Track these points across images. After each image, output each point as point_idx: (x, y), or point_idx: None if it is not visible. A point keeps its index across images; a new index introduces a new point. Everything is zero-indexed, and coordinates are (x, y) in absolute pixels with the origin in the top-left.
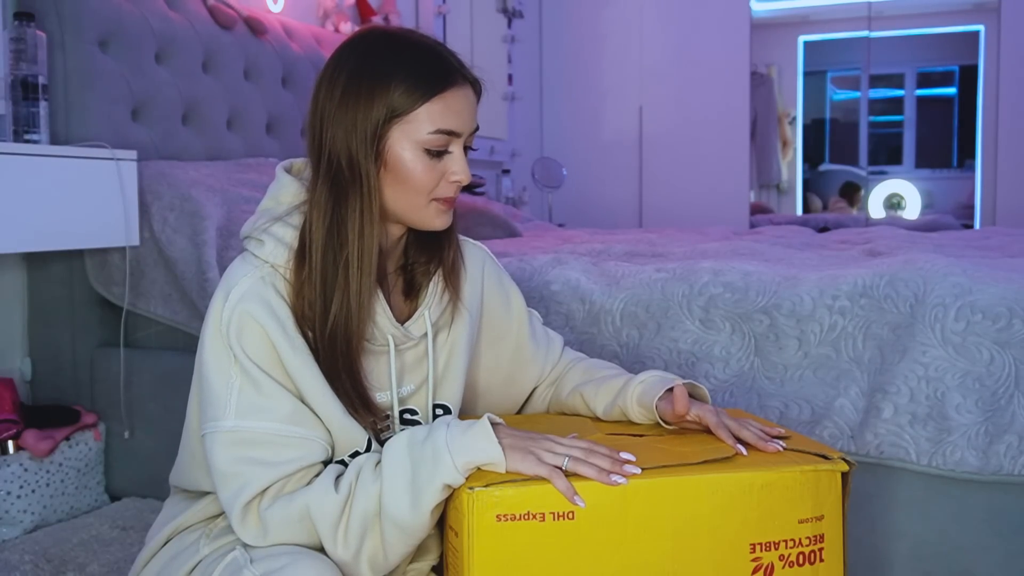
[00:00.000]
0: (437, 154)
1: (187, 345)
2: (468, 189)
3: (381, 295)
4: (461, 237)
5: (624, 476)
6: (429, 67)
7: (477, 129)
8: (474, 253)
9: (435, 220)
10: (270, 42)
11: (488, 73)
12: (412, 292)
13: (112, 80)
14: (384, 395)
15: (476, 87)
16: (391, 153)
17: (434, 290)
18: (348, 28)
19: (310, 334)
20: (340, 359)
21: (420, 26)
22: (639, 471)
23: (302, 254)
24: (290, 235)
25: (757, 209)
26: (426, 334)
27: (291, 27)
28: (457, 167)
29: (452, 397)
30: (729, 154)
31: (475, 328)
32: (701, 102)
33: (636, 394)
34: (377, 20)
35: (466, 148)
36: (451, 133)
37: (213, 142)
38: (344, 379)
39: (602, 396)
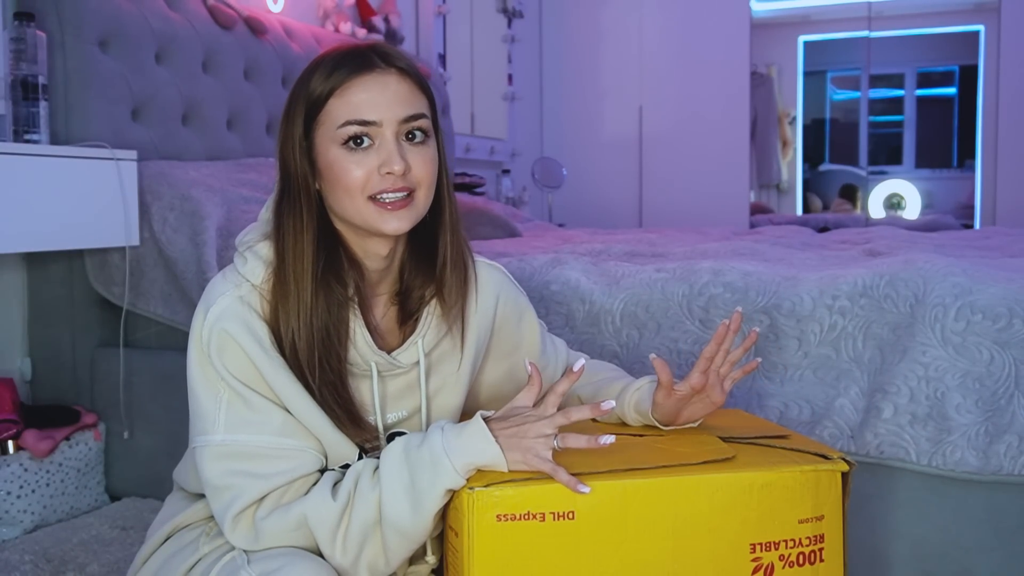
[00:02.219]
0: (363, 148)
1: (187, 345)
2: (468, 189)
3: (360, 318)
4: (478, 258)
5: (612, 434)
6: (336, 63)
7: (421, 117)
8: (490, 276)
9: (380, 222)
10: (270, 42)
11: (488, 73)
12: (407, 319)
13: (112, 80)
14: (370, 419)
15: (408, 74)
16: (320, 158)
17: (429, 319)
18: (348, 28)
19: (288, 351)
20: (317, 377)
21: (420, 26)
22: (613, 404)
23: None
24: (272, 253)
25: (757, 209)
26: (418, 363)
27: (291, 27)
28: (385, 158)
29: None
30: (729, 154)
31: (479, 358)
32: (701, 102)
33: (633, 401)
34: (377, 20)
35: (411, 136)
36: (365, 123)
37: (213, 142)
38: (326, 397)
39: (601, 399)
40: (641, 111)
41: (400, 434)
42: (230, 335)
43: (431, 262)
